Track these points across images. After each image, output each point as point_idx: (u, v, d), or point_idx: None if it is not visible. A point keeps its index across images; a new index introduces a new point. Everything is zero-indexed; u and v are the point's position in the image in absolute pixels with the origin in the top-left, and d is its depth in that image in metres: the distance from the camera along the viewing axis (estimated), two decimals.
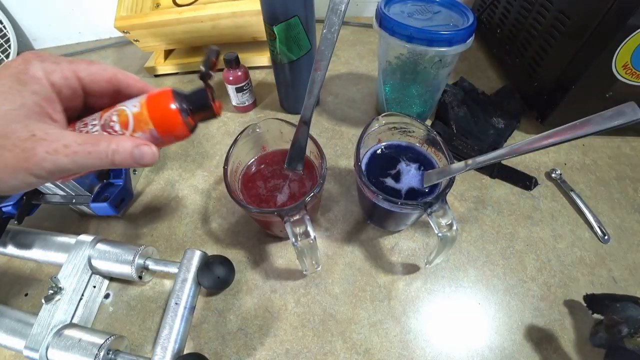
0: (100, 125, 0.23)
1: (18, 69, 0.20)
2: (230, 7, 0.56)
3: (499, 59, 0.66)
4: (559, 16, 0.47)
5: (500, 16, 0.63)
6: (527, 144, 0.27)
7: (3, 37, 0.72)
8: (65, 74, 0.21)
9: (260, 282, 0.40)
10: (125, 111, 0.23)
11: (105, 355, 0.31)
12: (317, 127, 0.56)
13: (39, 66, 0.20)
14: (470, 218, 0.45)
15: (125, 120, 0.23)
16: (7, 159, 0.19)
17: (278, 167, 0.40)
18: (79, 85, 0.22)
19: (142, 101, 0.23)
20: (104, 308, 0.39)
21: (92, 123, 0.23)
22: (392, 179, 0.38)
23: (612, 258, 0.41)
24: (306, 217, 0.31)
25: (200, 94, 0.25)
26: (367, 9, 0.82)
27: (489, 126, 0.53)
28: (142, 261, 0.38)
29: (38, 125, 0.20)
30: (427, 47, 0.40)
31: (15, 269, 0.43)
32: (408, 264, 0.41)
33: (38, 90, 0.20)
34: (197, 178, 0.50)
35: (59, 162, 0.20)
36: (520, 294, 0.38)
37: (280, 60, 0.49)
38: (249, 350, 0.35)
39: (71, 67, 0.22)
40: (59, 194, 0.42)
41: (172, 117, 0.23)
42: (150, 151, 0.23)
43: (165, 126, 0.24)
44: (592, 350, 0.35)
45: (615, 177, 0.49)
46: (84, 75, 0.22)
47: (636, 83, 0.44)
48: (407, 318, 0.37)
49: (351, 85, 0.64)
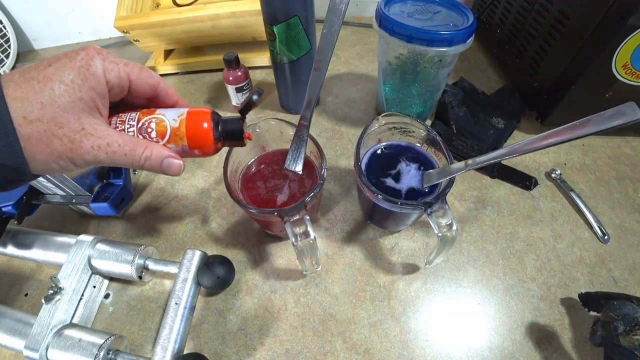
0: (137, 128, 0.25)
1: (81, 64, 0.21)
2: (230, 7, 0.56)
3: (499, 59, 0.66)
4: (559, 16, 0.47)
5: (500, 16, 0.63)
6: (527, 144, 0.27)
7: (3, 37, 0.72)
8: (120, 74, 0.23)
9: (260, 282, 0.40)
10: (164, 122, 0.25)
11: (105, 355, 0.31)
12: (317, 127, 0.56)
13: (100, 64, 0.22)
14: (470, 218, 0.45)
15: (162, 131, 0.25)
16: (56, 147, 0.20)
17: (278, 167, 0.40)
18: (127, 86, 0.24)
19: (182, 118, 0.25)
20: (104, 308, 0.39)
21: (130, 123, 0.25)
22: (392, 179, 0.38)
23: (612, 258, 0.41)
24: (306, 217, 0.31)
25: (236, 125, 0.27)
26: (367, 9, 0.82)
27: (489, 126, 0.53)
28: (142, 261, 0.38)
29: (89, 120, 0.21)
30: (427, 47, 0.40)
31: (15, 269, 0.43)
32: (408, 264, 0.41)
33: (95, 87, 0.21)
34: (197, 178, 0.50)
35: (99, 157, 0.22)
36: (520, 293, 0.38)
37: (280, 60, 0.49)
38: (249, 350, 0.35)
39: (126, 69, 0.23)
40: (59, 194, 0.42)
41: (205, 139, 0.26)
42: (178, 164, 0.25)
43: (196, 145, 0.26)
44: (591, 349, 0.35)
45: (615, 177, 0.49)
46: (135, 78, 0.24)
47: (636, 83, 0.44)
48: (407, 318, 0.37)
49: (351, 85, 0.64)
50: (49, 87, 0.20)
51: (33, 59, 0.77)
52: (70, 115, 0.20)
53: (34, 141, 0.20)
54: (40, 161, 0.20)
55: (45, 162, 0.21)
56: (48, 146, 0.20)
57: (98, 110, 0.22)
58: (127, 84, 0.24)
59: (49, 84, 0.20)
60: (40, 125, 0.20)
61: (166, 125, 0.25)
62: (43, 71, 0.20)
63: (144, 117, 0.25)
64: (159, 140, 0.25)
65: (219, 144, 0.27)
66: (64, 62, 0.21)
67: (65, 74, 0.20)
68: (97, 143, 0.21)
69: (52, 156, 0.21)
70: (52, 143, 0.20)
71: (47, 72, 0.20)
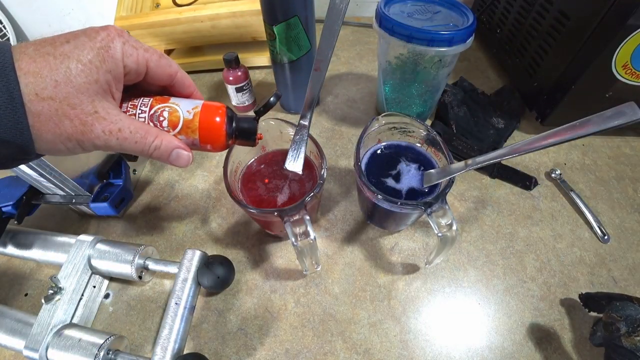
0: (149, 115, 0.24)
1: (101, 44, 0.20)
2: (230, 7, 0.56)
3: (499, 59, 0.66)
4: (559, 16, 0.47)
5: (500, 16, 0.63)
6: (527, 144, 0.27)
7: (3, 37, 0.72)
8: (139, 60, 0.22)
9: (260, 282, 0.40)
10: (177, 112, 0.24)
11: (105, 355, 0.31)
12: (317, 127, 0.56)
13: (120, 46, 0.21)
14: (470, 218, 0.45)
15: (175, 122, 0.24)
16: (67, 127, 0.20)
17: (278, 167, 0.40)
18: (144, 72, 0.23)
19: (196, 111, 0.25)
20: (104, 308, 0.39)
21: (142, 108, 0.24)
22: (392, 179, 0.38)
23: (612, 258, 0.41)
24: (306, 217, 0.31)
25: (251, 124, 0.27)
26: (367, 9, 0.82)
27: (489, 126, 0.53)
28: (142, 261, 0.38)
29: (102, 104, 0.21)
30: (427, 47, 0.40)
31: (15, 269, 0.43)
32: (408, 264, 0.41)
33: (112, 70, 0.21)
34: (197, 178, 0.50)
35: (109, 142, 0.21)
36: (520, 294, 0.38)
37: (280, 60, 0.49)
38: (249, 350, 0.35)
39: (146, 55, 0.23)
40: (59, 194, 0.42)
41: (218, 135, 0.25)
42: (187, 156, 0.25)
43: (208, 139, 0.25)
44: (591, 350, 0.35)
45: (615, 177, 0.49)
46: (153, 66, 0.23)
47: (636, 83, 0.44)
48: (407, 318, 0.37)
49: (351, 85, 0.64)
50: (66, 65, 0.19)
51: None
52: (84, 97, 0.20)
53: (44, 120, 0.19)
54: (47, 140, 0.20)
55: (52, 142, 0.20)
56: (58, 126, 0.19)
57: (111, 94, 0.22)
58: (144, 71, 0.23)
59: (66, 62, 0.19)
60: (52, 104, 0.19)
61: (179, 116, 0.24)
62: (60, 47, 0.19)
63: (157, 105, 0.24)
64: (170, 131, 0.24)
65: (230, 141, 0.27)
66: (82, 41, 0.20)
67: (84, 53, 0.19)
68: (109, 128, 0.21)
69: (61, 137, 0.20)
70: (63, 123, 0.19)
71: (64, 48, 0.19)
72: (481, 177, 0.49)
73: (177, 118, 0.24)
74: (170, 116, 0.24)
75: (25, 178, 0.39)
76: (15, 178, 0.41)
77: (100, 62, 0.20)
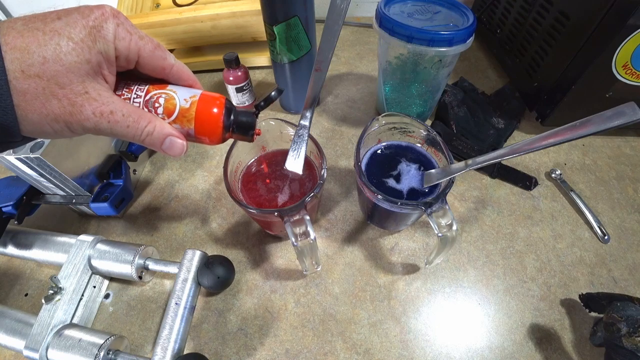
0: (144, 100, 0.23)
1: (94, 23, 0.19)
2: (230, 7, 0.56)
3: (499, 59, 0.66)
4: (559, 16, 0.47)
5: (500, 16, 0.63)
6: (527, 144, 0.27)
7: None
8: (130, 47, 0.21)
9: (260, 282, 0.40)
10: (174, 100, 0.23)
11: (105, 355, 0.31)
12: (317, 127, 0.56)
13: (112, 28, 0.20)
14: (470, 218, 0.45)
15: (171, 109, 0.23)
16: (54, 108, 0.19)
17: (278, 167, 0.40)
18: (134, 61, 0.22)
19: (194, 100, 0.24)
20: (104, 308, 0.39)
21: (137, 93, 0.23)
22: (392, 179, 0.38)
23: (612, 258, 0.41)
24: (306, 217, 0.31)
25: (250, 118, 0.26)
26: (367, 9, 0.82)
27: (489, 126, 0.53)
28: (142, 261, 0.38)
29: (93, 85, 0.20)
30: (427, 47, 0.40)
31: (15, 269, 0.43)
32: (408, 264, 0.41)
33: (104, 51, 0.20)
34: (197, 178, 0.50)
35: (100, 125, 0.20)
36: (520, 294, 0.38)
37: (280, 60, 0.49)
38: (249, 350, 0.35)
39: (139, 44, 0.21)
40: (59, 194, 0.42)
41: (214, 127, 0.24)
42: (181, 145, 0.23)
43: (203, 130, 0.24)
44: (592, 349, 0.35)
45: (615, 177, 0.49)
46: (146, 55, 0.22)
47: (636, 83, 0.44)
48: (407, 318, 0.37)
49: (351, 85, 0.64)
50: (56, 41, 0.18)
51: None
52: (74, 76, 0.19)
53: (30, 98, 0.18)
54: (33, 122, 0.19)
55: (38, 123, 0.19)
56: (45, 106, 0.18)
57: (103, 77, 0.21)
58: (135, 59, 0.22)
59: (56, 38, 0.18)
60: (39, 82, 0.18)
61: (176, 103, 0.23)
62: (51, 23, 0.18)
63: (153, 90, 0.23)
64: (165, 118, 0.23)
65: (227, 135, 0.26)
66: (75, 18, 0.19)
67: (76, 31, 0.19)
68: (100, 109, 0.20)
69: (48, 118, 0.19)
70: (50, 103, 0.18)
71: (55, 24, 0.18)
72: (481, 177, 0.49)
73: (174, 105, 0.23)
74: (167, 103, 0.23)
75: (25, 178, 0.39)
76: (15, 178, 0.41)
77: (93, 41, 0.19)
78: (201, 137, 0.24)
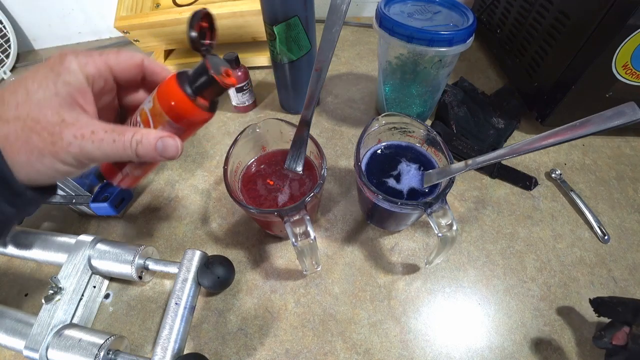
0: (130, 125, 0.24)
1: (54, 62, 0.20)
2: (230, 7, 0.56)
3: (499, 59, 0.66)
4: (559, 16, 0.47)
5: (500, 16, 0.63)
6: (527, 144, 0.27)
7: (3, 37, 0.72)
8: (97, 65, 0.22)
9: (260, 282, 0.40)
10: (143, 110, 0.23)
11: (105, 355, 0.31)
12: (317, 127, 0.56)
13: (73, 60, 0.21)
14: (470, 218, 0.45)
15: (146, 119, 0.23)
16: (35, 142, 0.19)
17: (278, 167, 0.40)
18: (110, 75, 0.23)
19: (153, 95, 0.23)
20: (104, 308, 0.39)
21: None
22: (392, 179, 0.38)
23: (612, 258, 0.41)
24: (306, 217, 0.31)
25: (200, 70, 0.22)
26: (367, 9, 0.82)
27: (489, 126, 0.53)
28: (142, 261, 0.38)
29: (69, 113, 0.20)
30: (427, 47, 0.40)
31: (15, 269, 0.43)
32: (408, 264, 0.41)
33: (71, 81, 0.20)
34: (197, 178, 0.50)
35: (85, 147, 0.20)
36: (520, 294, 0.38)
37: (280, 60, 0.49)
38: (249, 350, 0.35)
39: (102, 58, 0.22)
40: (59, 194, 0.42)
41: (180, 103, 0.22)
42: (174, 144, 0.23)
43: (178, 114, 0.23)
44: (591, 350, 0.35)
45: (615, 177, 0.49)
46: (114, 63, 0.23)
47: (636, 83, 0.44)
48: (407, 318, 0.37)
49: (351, 85, 0.64)
50: (23, 86, 0.20)
51: (33, 59, 0.77)
52: (47, 110, 0.19)
53: (12, 140, 0.19)
54: (23, 162, 0.19)
55: (28, 162, 0.19)
56: (27, 143, 0.19)
57: (80, 107, 0.21)
58: (109, 73, 0.23)
59: (23, 84, 0.20)
60: (17, 123, 0.19)
61: (145, 110, 0.23)
62: (19, 79, 0.20)
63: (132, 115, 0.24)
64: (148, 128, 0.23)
65: (200, 100, 0.23)
66: (37, 66, 0.21)
67: (39, 73, 0.20)
68: (80, 132, 0.20)
69: (33, 154, 0.19)
70: (31, 139, 0.19)
71: (22, 76, 0.20)
72: (481, 177, 0.49)
73: (145, 114, 0.23)
74: (142, 117, 0.23)
75: None
76: None
77: (56, 75, 0.20)
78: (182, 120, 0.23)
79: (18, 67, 0.75)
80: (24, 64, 0.75)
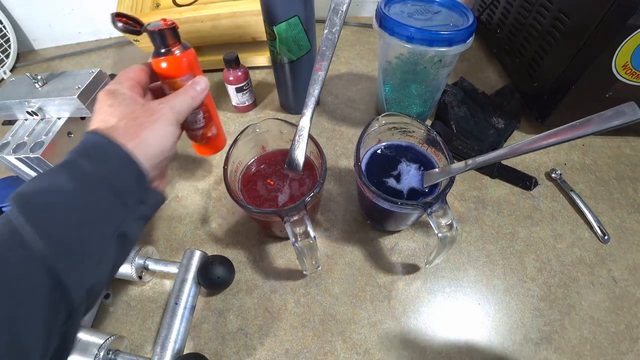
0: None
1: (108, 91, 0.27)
2: (230, 7, 0.56)
3: (499, 59, 0.66)
4: (559, 16, 0.47)
5: (500, 16, 0.63)
6: (527, 144, 0.27)
7: (3, 37, 0.72)
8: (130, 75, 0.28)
9: (260, 282, 0.40)
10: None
11: (105, 355, 0.31)
12: (317, 127, 0.56)
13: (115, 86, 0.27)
14: (470, 218, 0.45)
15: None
16: (142, 122, 0.25)
17: (278, 167, 0.40)
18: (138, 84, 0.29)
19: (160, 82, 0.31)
20: (104, 308, 0.39)
21: None
22: (392, 179, 0.38)
23: (612, 258, 0.41)
24: (306, 217, 0.31)
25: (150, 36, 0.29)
26: (367, 9, 0.82)
27: (489, 126, 0.53)
28: (142, 261, 0.38)
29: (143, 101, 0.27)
30: (427, 47, 0.40)
31: None
32: (408, 264, 0.41)
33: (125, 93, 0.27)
34: (197, 178, 0.50)
35: (174, 104, 0.27)
36: (520, 294, 0.38)
37: (280, 60, 0.49)
38: (249, 350, 0.35)
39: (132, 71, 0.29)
40: None
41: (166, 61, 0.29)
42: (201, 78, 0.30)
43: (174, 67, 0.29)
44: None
45: (615, 177, 0.49)
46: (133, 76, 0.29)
47: (636, 83, 0.44)
48: (407, 318, 0.37)
49: (351, 85, 0.64)
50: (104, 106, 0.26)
51: (33, 59, 0.77)
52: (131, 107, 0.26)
53: (125, 131, 0.24)
54: (139, 144, 0.24)
55: (142, 141, 0.24)
56: (139, 127, 0.25)
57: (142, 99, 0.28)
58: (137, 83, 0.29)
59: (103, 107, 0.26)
60: (121, 122, 0.25)
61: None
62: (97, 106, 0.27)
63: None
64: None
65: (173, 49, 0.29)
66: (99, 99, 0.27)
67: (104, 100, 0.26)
68: (159, 101, 0.27)
69: (145, 129, 0.25)
70: (138, 121, 0.25)
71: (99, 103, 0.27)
72: (481, 177, 0.49)
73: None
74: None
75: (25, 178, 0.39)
76: (15, 178, 0.41)
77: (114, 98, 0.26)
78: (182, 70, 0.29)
79: (18, 67, 0.75)
80: (24, 64, 0.75)
